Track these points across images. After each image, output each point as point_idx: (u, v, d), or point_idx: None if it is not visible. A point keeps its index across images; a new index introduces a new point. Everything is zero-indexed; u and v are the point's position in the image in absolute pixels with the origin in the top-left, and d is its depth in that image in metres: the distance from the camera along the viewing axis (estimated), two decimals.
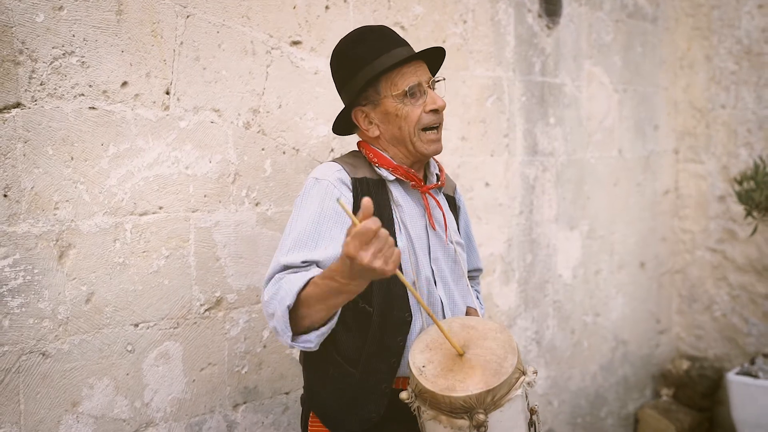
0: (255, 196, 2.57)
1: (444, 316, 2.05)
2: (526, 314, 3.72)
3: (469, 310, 2.14)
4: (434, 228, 2.07)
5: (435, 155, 2.07)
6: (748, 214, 3.94)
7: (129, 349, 2.28)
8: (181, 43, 2.35)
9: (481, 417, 1.70)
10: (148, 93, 2.29)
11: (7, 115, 2.00)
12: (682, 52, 4.69)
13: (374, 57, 1.97)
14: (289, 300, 1.74)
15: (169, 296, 2.37)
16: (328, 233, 1.88)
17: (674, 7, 4.65)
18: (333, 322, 1.83)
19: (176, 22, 2.34)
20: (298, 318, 1.77)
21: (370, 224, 1.54)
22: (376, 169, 2.04)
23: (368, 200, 1.56)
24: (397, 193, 2.04)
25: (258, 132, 2.57)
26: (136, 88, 2.26)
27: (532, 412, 1.88)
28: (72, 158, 2.13)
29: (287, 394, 2.71)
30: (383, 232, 1.56)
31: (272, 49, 2.59)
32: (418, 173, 2.10)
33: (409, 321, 1.98)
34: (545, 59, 3.73)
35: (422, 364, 1.82)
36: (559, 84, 3.83)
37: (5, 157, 2.00)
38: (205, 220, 2.45)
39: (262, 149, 2.59)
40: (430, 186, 2.10)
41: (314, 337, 1.80)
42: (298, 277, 1.78)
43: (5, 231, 2.02)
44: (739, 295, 4.58)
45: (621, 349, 4.41)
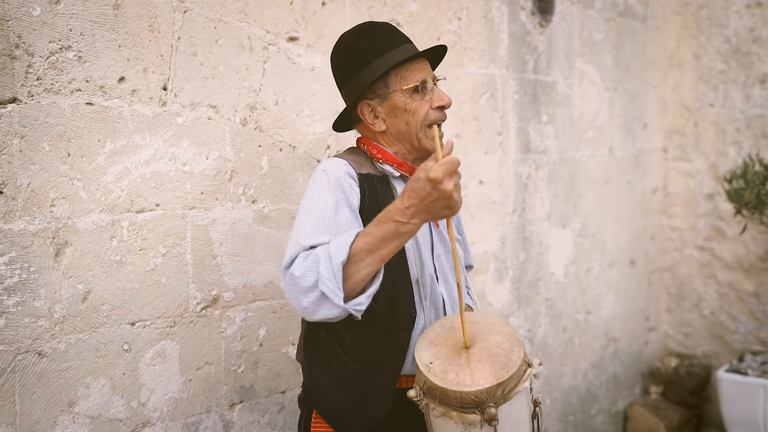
0: (252, 194, 2.55)
1: (445, 313, 2.04)
2: (519, 312, 3.72)
3: (467, 308, 2.14)
4: (437, 225, 2.07)
5: None
6: (738, 213, 3.97)
7: (125, 349, 2.25)
8: (179, 38, 2.32)
9: (492, 410, 1.71)
10: (146, 88, 2.26)
11: (3, 111, 1.96)
12: (670, 51, 4.71)
13: (384, 50, 1.96)
14: (343, 255, 1.71)
15: (166, 294, 2.34)
16: (345, 222, 1.87)
17: (663, 6, 4.67)
18: (379, 280, 1.79)
19: (173, 17, 2.31)
20: (344, 279, 1.73)
21: (457, 157, 1.67)
22: (379, 165, 2.02)
23: (451, 140, 1.73)
24: (401, 190, 2.02)
25: (255, 129, 2.54)
26: (134, 83, 2.23)
27: (535, 404, 1.88)
28: (69, 154, 2.10)
29: (283, 393, 2.69)
30: (459, 161, 1.69)
31: (269, 45, 2.57)
32: None
33: (413, 318, 1.97)
34: (538, 57, 3.73)
35: (429, 360, 1.81)
36: (552, 82, 3.83)
37: (1, 153, 1.97)
38: (202, 218, 2.42)
39: (259, 146, 2.56)
40: None
41: (365, 299, 1.77)
42: (345, 235, 1.76)
43: (1, 228, 1.98)
44: (727, 293, 4.61)
45: (611, 347, 4.43)
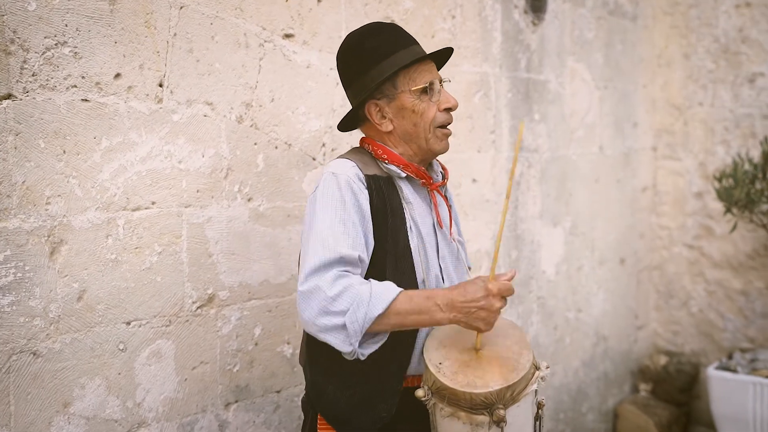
0: (247, 192, 2.53)
1: None
2: (512, 310, 3.72)
3: None
4: (441, 226, 2.07)
5: (444, 152, 2.07)
6: (728, 211, 3.99)
7: (121, 348, 2.23)
8: (175, 34, 2.30)
9: (501, 412, 1.72)
10: (142, 85, 2.23)
11: None
12: (659, 50, 4.73)
13: (393, 51, 1.96)
14: (381, 309, 1.75)
15: (162, 293, 2.32)
16: (358, 229, 1.87)
17: (652, 6, 4.69)
18: (384, 339, 1.85)
19: (170, 13, 2.28)
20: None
21: (513, 287, 1.83)
22: (384, 165, 2.01)
23: (514, 270, 1.91)
24: (407, 191, 2.02)
25: (251, 126, 2.52)
26: (130, 80, 2.20)
27: (539, 406, 1.89)
28: (64, 151, 2.07)
29: (278, 392, 2.67)
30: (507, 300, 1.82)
31: (265, 41, 2.55)
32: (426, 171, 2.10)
33: None
34: (530, 55, 3.73)
35: (439, 361, 1.81)
36: (544, 80, 3.84)
37: None
38: (198, 216, 2.40)
39: (255, 144, 2.54)
40: (438, 183, 2.10)
41: (368, 351, 1.83)
42: (388, 288, 1.79)
43: None
44: (716, 291, 4.64)
45: (602, 345, 4.44)
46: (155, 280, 2.30)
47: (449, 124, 2.03)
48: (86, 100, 2.11)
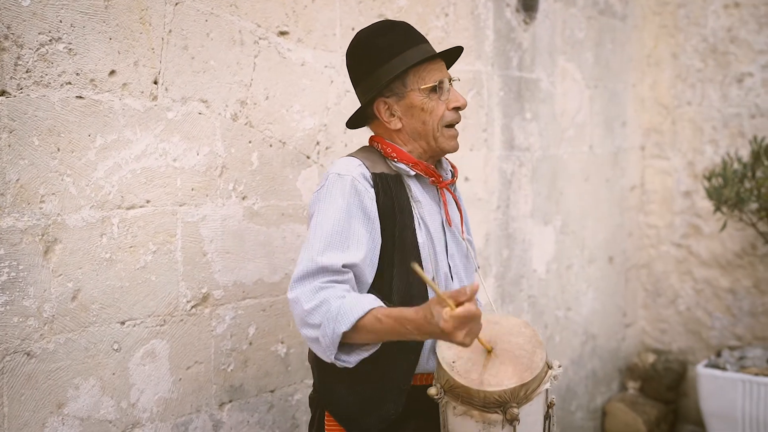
0: (242, 190, 2.51)
1: None
2: (503, 309, 3.72)
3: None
4: (450, 224, 2.06)
5: (454, 151, 2.06)
6: (717, 210, 4.01)
7: (115, 348, 2.20)
8: (170, 31, 2.28)
9: (515, 411, 1.72)
10: (136, 82, 2.21)
11: None
12: (648, 50, 4.75)
13: (403, 49, 1.96)
14: (346, 326, 1.71)
15: (156, 293, 2.30)
16: (357, 232, 1.85)
17: (642, 5, 4.71)
18: (373, 350, 1.81)
19: (165, 9, 2.26)
20: (343, 338, 1.75)
21: (474, 310, 1.57)
22: (393, 164, 2.01)
23: (477, 285, 1.60)
24: (416, 189, 2.02)
25: (245, 124, 2.50)
26: (124, 76, 2.18)
27: (550, 405, 1.88)
28: (58, 149, 2.04)
29: (272, 392, 2.65)
30: (478, 312, 1.59)
31: (260, 39, 2.53)
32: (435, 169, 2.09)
33: None
34: (522, 54, 3.73)
35: (452, 359, 1.80)
36: (535, 79, 3.84)
37: None
38: (193, 215, 2.38)
39: (249, 142, 2.52)
40: (448, 182, 2.09)
41: (352, 360, 1.80)
42: (358, 304, 1.73)
43: None
44: (703, 289, 4.67)
45: (590, 343, 4.46)
46: (150, 279, 2.27)
47: (458, 122, 2.03)
48: (81, 97, 2.08)
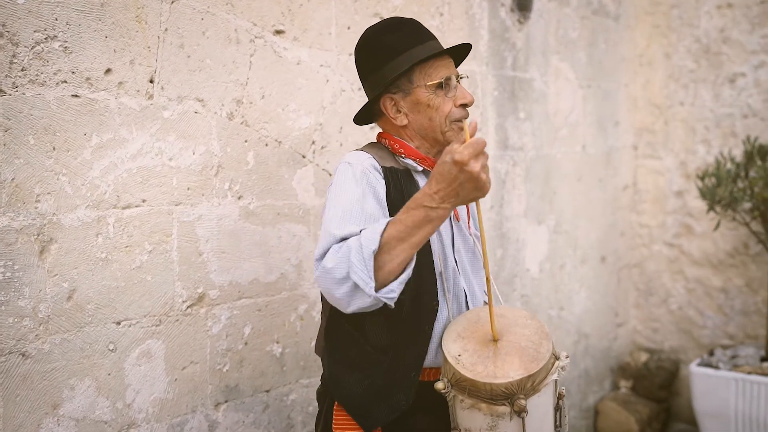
0: (238, 189, 2.50)
1: (467, 307, 2.04)
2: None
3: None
4: (458, 219, 2.08)
5: None
6: (710, 209, 4.02)
7: (111, 348, 2.19)
8: (166, 29, 2.26)
9: (522, 402, 1.71)
10: (132, 81, 2.19)
11: None
12: (641, 50, 4.76)
13: (410, 46, 1.97)
14: (374, 244, 1.69)
15: (152, 293, 2.28)
16: (372, 214, 1.85)
17: (635, 5, 4.71)
18: (411, 268, 1.78)
19: (161, 7, 2.24)
20: (376, 269, 1.72)
21: (482, 138, 1.65)
22: (401, 159, 2.02)
23: (475, 121, 1.73)
24: (423, 184, 2.01)
25: (241, 123, 2.49)
26: (120, 75, 2.16)
27: (559, 396, 1.89)
28: (54, 148, 2.03)
29: (267, 392, 2.64)
30: (485, 141, 1.66)
31: (256, 37, 2.52)
32: None
33: (436, 309, 1.96)
34: (516, 54, 3.73)
35: (457, 353, 1.80)
36: (529, 79, 3.84)
37: None
38: (188, 214, 2.36)
39: (245, 141, 2.51)
40: None
41: (397, 286, 1.75)
42: (375, 225, 1.74)
43: None
44: (695, 288, 4.68)
45: (583, 343, 4.46)
46: (145, 279, 2.26)
47: (466, 119, 2.03)
48: (76, 96, 2.07)
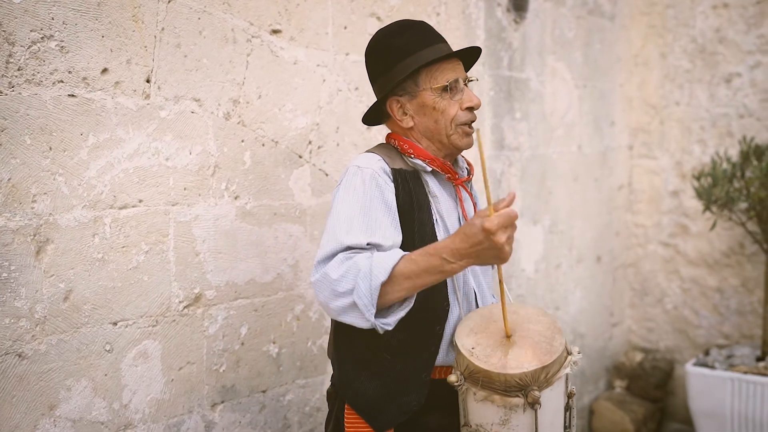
0: (234, 189, 2.49)
1: (477, 306, 2.04)
2: None
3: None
4: (467, 220, 2.07)
5: (467, 149, 2.08)
6: (707, 209, 4.03)
7: (107, 349, 2.18)
8: (162, 29, 2.26)
9: (536, 393, 1.72)
10: (129, 81, 2.18)
11: None
12: (636, 50, 4.76)
13: (418, 49, 1.98)
14: (384, 276, 1.72)
15: (149, 293, 2.28)
16: (380, 220, 1.86)
17: (630, 5, 4.72)
18: (409, 306, 1.81)
19: (157, 7, 2.24)
20: (379, 296, 1.74)
21: (514, 213, 1.66)
22: (410, 160, 2.03)
23: (514, 192, 1.70)
24: (432, 185, 2.04)
25: (238, 123, 2.49)
26: (117, 75, 2.16)
27: (570, 395, 1.90)
28: (50, 148, 2.02)
29: (264, 392, 2.64)
30: (516, 215, 1.68)
31: (252, 37, 2.51)
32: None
33: (447, 309, 1.97)
34: (512, 54, 3.73)
35: (471, 346, 1.81)
36: (525, 79, 3.84)
37: None
38: (185, 214, 2.36)
39: (242, 141, 2.51)
40: (464, 179, 2.12)
41: (392, 321, 1.78)
42: (389, 254, 1.76)
43: None
44: (690, 288, 4.69)
45: (578, 342, 4.47)
46: (142, 279, 2.26)
47: (472, 122, 2.05)
48: (73, 96, 2.06)
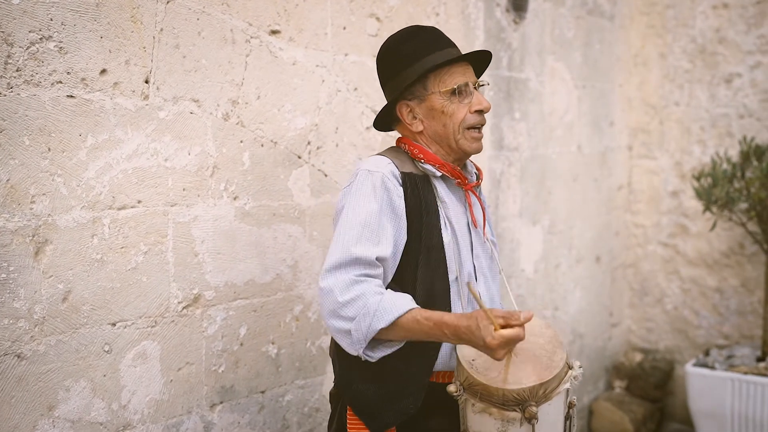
0: (233, 190, 2.49)
1: None
2: None
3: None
4: (476, 225, 2.09)
5: (476, 153, 2.09)
6: (707, 209, 4.03)
7: (106, 350, 2.18)
8: (161, 29, 2.26)
9: (533, 409, 1.73)
10: (128, 81, 2.19)
11: None
12: (636, 50, 4.77)
13: (426, 53, 2.00)
14: (385, 323, 1.77)
15: (147, 294, 2.28)
16: (386, 228, 1.89)
17: (629, 6, 4.72)
18: (399, 346, 1.87)
19: (156, 7, 2.24)
20: (374, 336, 1.81)
21: (522, 335, 1.69)
22: (420, 164, 2.03)
23: (531, 314, 1.71)
24: (441, 190, 2.05)
25: (237, 124, 2.49)
26: (115, 76, 2.16)
27: (570, 406, 1.90)
28: (49, 149, 2.02)
29: (263, 393, 2.64)
30: (523, 337, 1.70)
31: (251, 38, 2.51)
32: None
33: None
34: (512, 54, 3.73)
35: (472, 357, 1.82)
36: (525, 79, 3.84)
37: None
38: (184, 215, 2.36)
39: (241, 141, 2.51)
40: (473, 184, 2.12)
41: (377, 356, 1.84)
42: (398, 302, 1.80)
43: None
44: (690, 288, 4.69)
45: (578, 343, 4.47)
46: (141, 280, 2.26)
47: (481, 125, 2.06)
48: (72, 97, 2.06)
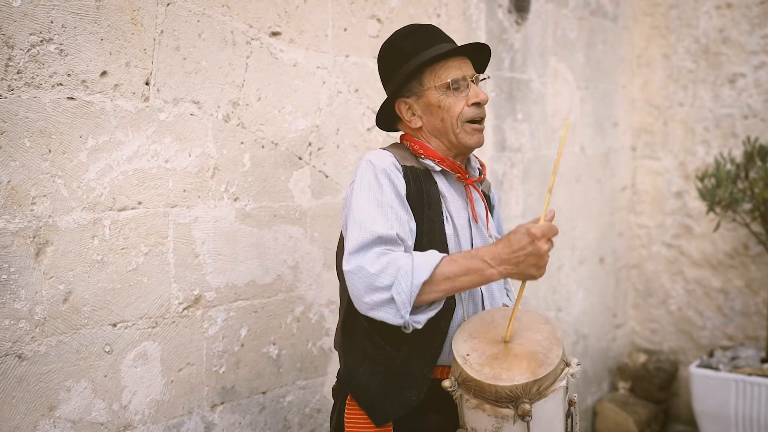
0: (234, 191, 2.50)
1: (483, 307, 2.05)
2: None
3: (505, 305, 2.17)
4: (476, 221, 2.09)
5: (478, 147, 2.08)
6: (710, 210, 4.02)
7: (107, 350, 2.19)
8: (162, 31, 2.27)
9: (526, 407, 1.72)
10: (128, 83, 2.20)
11: None
12: (639, 51, 4.76)
13: (421, 50, 2.01)
14: (426, 275, 1.75)
15: (148, 295, 2.29)
16: (399, 213, 1.89)
17: (633, 6, 4.72)
18: (440, 306, 1.84)
19: (156, 9, 2.25)
20: (417, 295, 1.78)
21: (556, 226, 1.78)
22: (421, 160, 2.04)
23: (553, 210, 1.79)
24: (442, 184, 2.05)
25: (237, 125, 2.50)
26: (116, 77, 2.17)
27: (570, 403, 1.90)
28: (50, 151, 2.03)
29: (264, 393, 2.65)
30: (557, 230, 1.79)
31: (252, 39, 2.52)
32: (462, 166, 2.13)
33: (452, 307, 1.98)
34: (514, 55, 3.73)
35: (466, 352, 1.81)
36: (527, 80, 3.84)
37: None
38: (184, 216, 2.37)
39: (241, 143, 2.52)
40: (474, 179, 2.12)
41: (422, 319, 1.81)
42: (430, 254, 1.80)
43: None
44: (694, 289, 4.68)
45: (581, 344, 4.47)
46: (141, 281, 2.26)
47: (481, 118, 2.05)
48: (72, 99, 2.07)
